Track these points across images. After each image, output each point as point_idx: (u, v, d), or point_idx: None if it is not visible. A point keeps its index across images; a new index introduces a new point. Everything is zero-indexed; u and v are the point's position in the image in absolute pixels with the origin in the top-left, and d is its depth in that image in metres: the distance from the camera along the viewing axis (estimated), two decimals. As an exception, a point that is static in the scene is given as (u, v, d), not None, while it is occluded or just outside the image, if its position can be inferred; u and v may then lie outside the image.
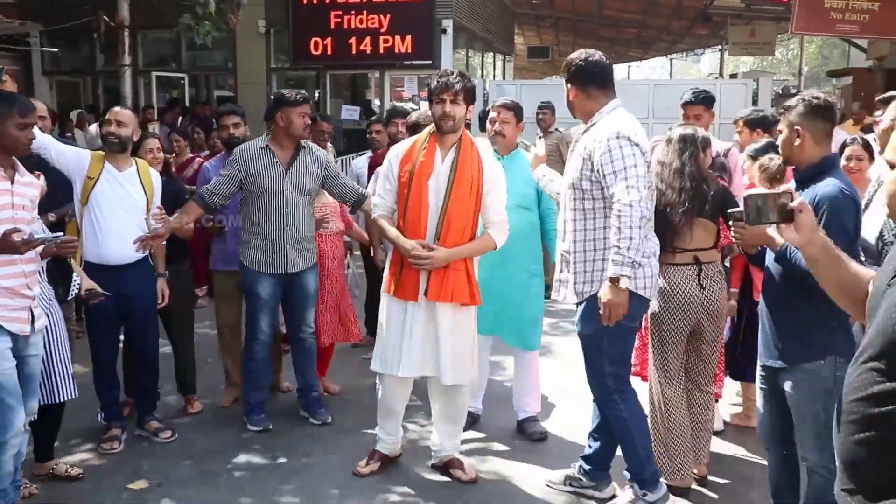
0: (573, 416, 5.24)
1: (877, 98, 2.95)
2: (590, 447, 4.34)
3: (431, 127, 4.38)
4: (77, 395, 4.35)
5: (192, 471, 4.70)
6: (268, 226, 5.06)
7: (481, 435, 5.12)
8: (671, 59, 37.18)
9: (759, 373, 3.59)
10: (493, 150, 4.94)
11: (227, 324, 5.65)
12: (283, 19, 16.82)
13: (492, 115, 5.02)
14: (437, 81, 4.26)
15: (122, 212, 4.75)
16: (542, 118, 9.64)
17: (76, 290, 4.24)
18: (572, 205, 3.99)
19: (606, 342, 3.92)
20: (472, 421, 5.12)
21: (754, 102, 15.23)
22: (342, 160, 11.62)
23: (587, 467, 4.33)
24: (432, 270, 4.22)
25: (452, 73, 4.32)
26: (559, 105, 12.54)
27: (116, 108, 5.10)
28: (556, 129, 9.56)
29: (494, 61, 24.50)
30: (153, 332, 5.09)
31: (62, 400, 4.28)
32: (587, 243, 3.93)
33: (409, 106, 17.96)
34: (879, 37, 14.87)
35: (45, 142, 4.62)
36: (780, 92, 24.56)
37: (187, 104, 16.59)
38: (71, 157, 4.73)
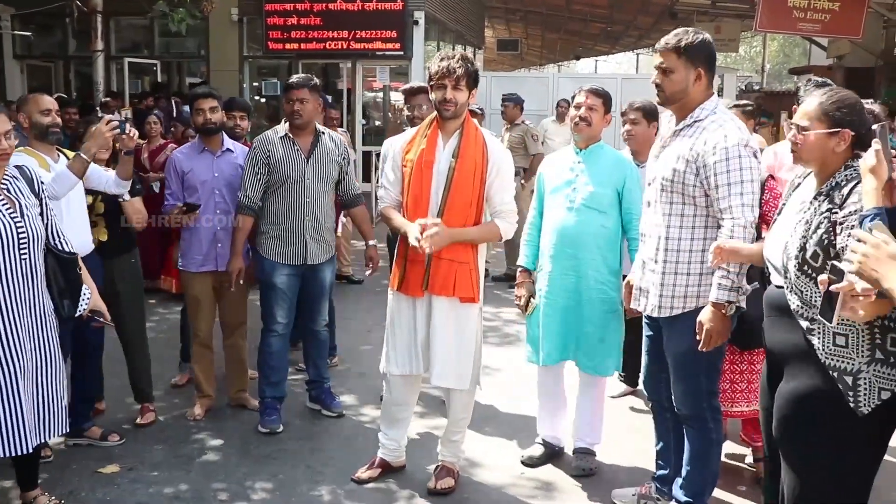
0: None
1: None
2: (662, 466, 4.07)
3: (434, 114, 4.16)
4: (68, 430, 3.99)
5: (164, 455, 4.70)
6: (288, 216, 4.96)
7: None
8: (638, 55, 37.52)
9: None
10: (571, 141, 4.60)
11: (199, 330, 5.28)
12: (255, 8, 16.86)
13: (578, 99, 4.49)
14: (438, 65, 3.99)
15: (74, 203, 4.48)
16: (503, 111, 9.62)
17: (84, 307, 3.91)
18: (666, 209, 3.60)
19: (705, 359, 3.58)
20: (551, 454, 4.73)
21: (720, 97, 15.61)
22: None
23: (664, 489, 4.02)
24: (434, 263, 4.02)
25: (454, 56, 4.03)
26: (532, 98, 12.85)
27: (44, 96, 4.63)
28: (523, 122, 9.59)
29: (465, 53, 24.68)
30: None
31: (53, 437, 3.87)
32: (681, 254, 3.58)
33: (378, 96, 18.18)
34: (839, 36, 15.22)
35: None
36: (744, 88, 25.09)
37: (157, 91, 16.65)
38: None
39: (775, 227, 3.09)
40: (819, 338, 2.69)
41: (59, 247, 3.85)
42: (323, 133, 5.09)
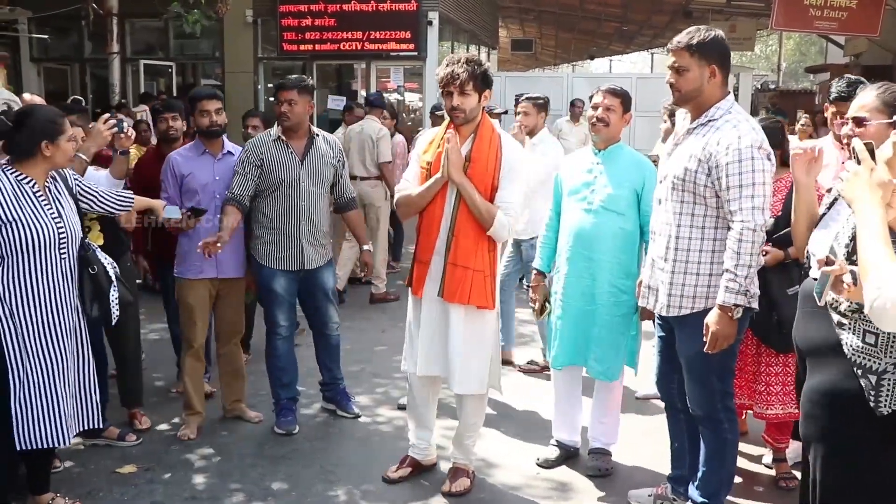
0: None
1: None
2: (677, 467, 4.05)
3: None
4: (102, 425, 4.18)
5: (180, 456, 4.71)
6: (283, 220, 4.84)
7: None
8: (652, 54, 37.39)
9: None
10: (590, 142, 4.51)
11: (193, 341, 4.99)
12: (270, 9, 16.93)
13: (596, 99, 4.42)
14: (444, 72, 3.95)
15: None
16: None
17: (115, 313, 3.97)
18: (677, 208, 3.58)
19: (717, 360, 3.56)
20: (566, 456, 4.68)
21: (736, 97, 15.55)
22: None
23: (680, 489, 4.01)
24: (448, 270, 4.01)
25: (459, 59, 3.96)
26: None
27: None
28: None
29: (479, 53, 24.67)
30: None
31: (91, 425, 3.99)
32: (691, 253, 3.56)
33: (393, 97, 18.17)
34: (856, 34, 15.15)
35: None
36: (759, 87, 24.99)
37: (174, 93, 16.75)
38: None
39: (824, 220, 2.98)
40: (849, 333, 2.67)
41: (113, 207, 4.14)
42: (317, 135, 4.99)
